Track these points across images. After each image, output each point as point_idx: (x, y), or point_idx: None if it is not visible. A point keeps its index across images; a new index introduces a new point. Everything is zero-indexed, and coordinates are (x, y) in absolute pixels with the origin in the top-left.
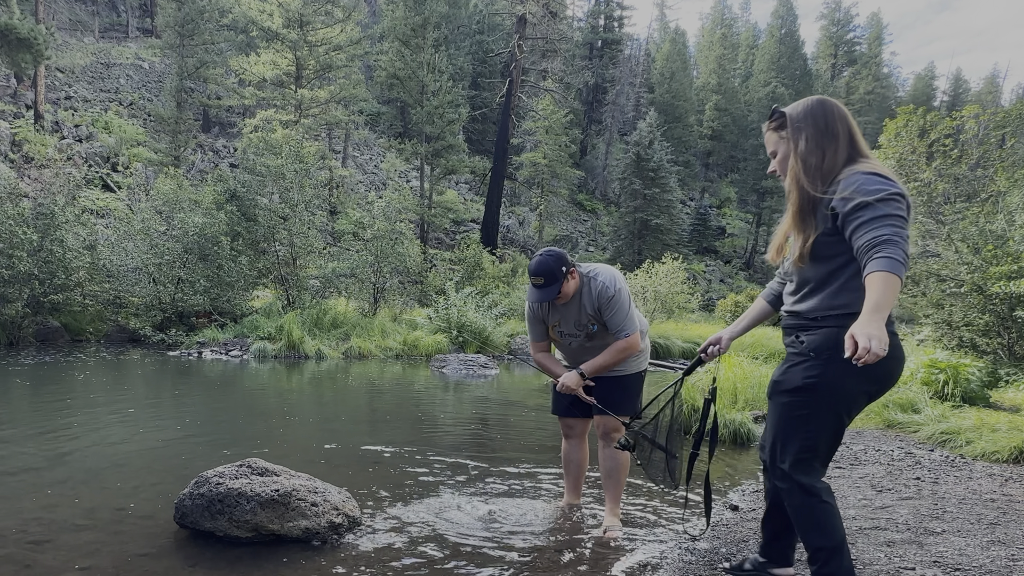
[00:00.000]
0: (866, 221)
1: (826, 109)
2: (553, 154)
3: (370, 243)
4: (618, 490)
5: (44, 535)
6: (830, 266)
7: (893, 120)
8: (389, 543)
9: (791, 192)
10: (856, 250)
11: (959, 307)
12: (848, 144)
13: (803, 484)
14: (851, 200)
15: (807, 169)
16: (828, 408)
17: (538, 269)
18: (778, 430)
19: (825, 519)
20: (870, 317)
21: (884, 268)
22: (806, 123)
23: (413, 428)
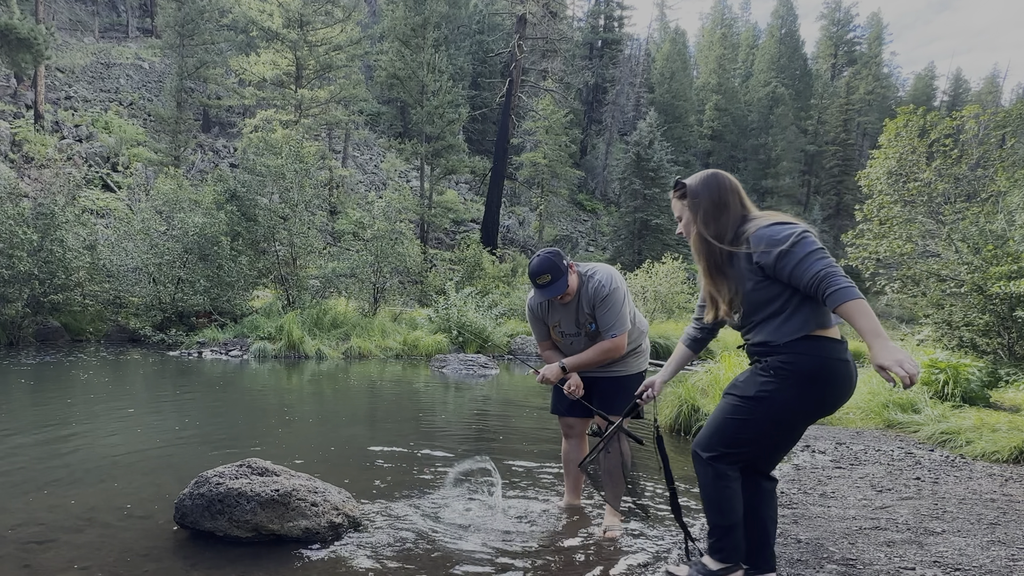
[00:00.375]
0: (795, 265)
1: (719, 182)
2: (553, 154)
3: (370, 243)
4: (619, 490)
5: (44, 535)
6: (773, 303)
7: (893, 120)
8: (389, 543)
9: (698, 255)
10: (803, 288)
11: (959, 307)
12: (739, 208)
13: (718, 470)
14: (770, 253)
15: (702, 239)
16: (769, 421)
17: (541, 267)
18: (716, 423)
19: (729, 501)
20: (883, 343)
21: (847, 298)
22: (702, 196)
23: (413, 428)
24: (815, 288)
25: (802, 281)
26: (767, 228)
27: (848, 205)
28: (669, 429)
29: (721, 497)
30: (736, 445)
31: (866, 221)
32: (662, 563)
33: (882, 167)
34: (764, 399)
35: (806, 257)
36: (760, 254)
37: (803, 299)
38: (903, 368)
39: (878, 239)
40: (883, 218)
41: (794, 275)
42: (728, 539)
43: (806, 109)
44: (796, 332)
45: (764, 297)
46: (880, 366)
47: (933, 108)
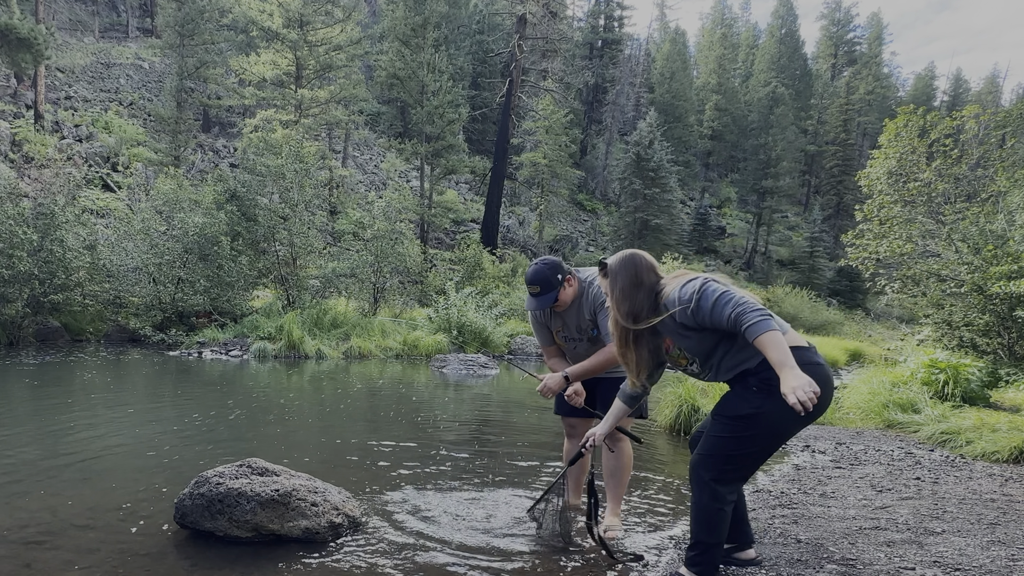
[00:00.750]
0: (709, 315)
1: (635, 262)
2: (553, 154)
3: (370, 243)
4: (620, 490)
5: (44, 535)
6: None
7: (893, 120)
8: (389, 543)
9: (613, 329)
10: (726, 330)
11: (959, 307)
12: (654, 282)
13: (715, 492)
14: (685, 311)
15: (620, 312)
16: (762, 436)
17: (534, 278)
18: (714, 444)
19: (719, 522)
20: (783, 374)
21: (757, 333)
22: (620, 278)
23: (413, 428)
24: (733, 329)
25: (722, 326)
26: (675, 292)
27: (848, 205)
28: (669, 429)
29: (715, 518)
30: (735, 462)
31: (866, 221)
32: (661, 563)
33: (882, 167)
34: (758, 415)
35: (714, 305)
36: (679, 314)
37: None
38: (794, 394)
39: (878, 239)
40: (883, 218)
41: (713, 322)
42: (710, 555)
43: (806, 109)
44: (756, 356)
45: (710, 343)
46: (784, 395)
47: (933, 108)
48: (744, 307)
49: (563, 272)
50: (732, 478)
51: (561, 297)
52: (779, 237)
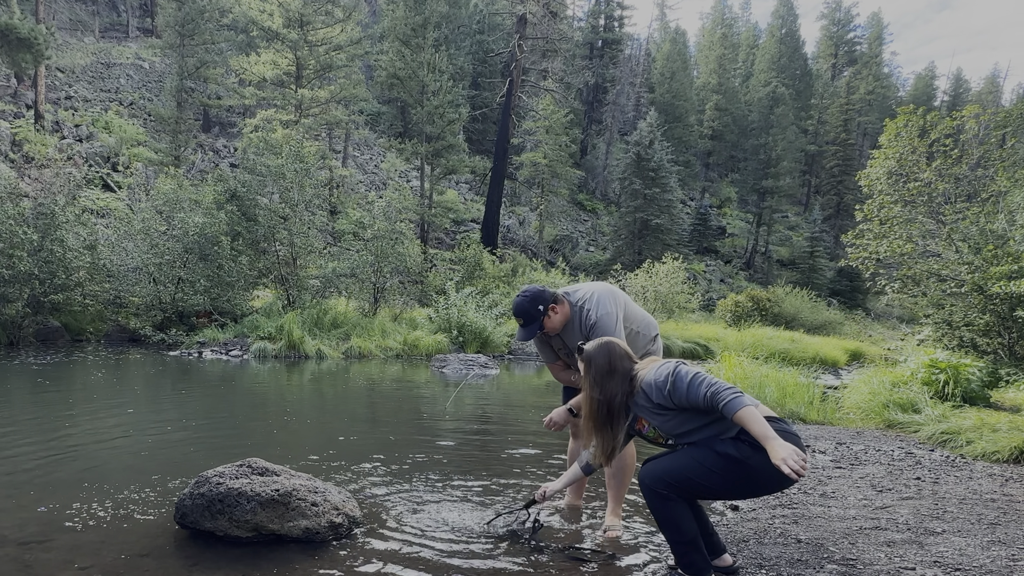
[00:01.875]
0: (685, 395)
1: (609, 350)
2: (553, 154)
3: (370, 243)
4: (622, 491)
5: (44, 535)
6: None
7: (893, 120)
8: (389, 543)
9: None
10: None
11: (959, 307)
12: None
13: (660, 493)
14: (662, 392)
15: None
16: (737, 480)
17: (516, 311)
18: (682, 465)
19: (681, 518)
20: (770, 446)
21: (734, 410)
22: (594, 364)
23: (413, 428)
24: (709, 407)
25: (698, 404)
26: (650, 374)
27: (848, 205)
28: None
29: (673, 516)
30: (692, 487)
31: (866, 221)
32: (661, 563)
33: (882, 167)
34: (743, 463)
35: (688, 386)
36: (655, 396)
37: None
38: (786, 464)
39: (878, 239)
40: (883, 218)
41: (690, 401)
42: (693, 553)
43: (806, 109)
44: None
45: (684, 420)
46: (775, 463)
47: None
48: (717, 386)
49: (545, 302)
50: (677, 494)
51: (547, 325)
52: (779, 237)
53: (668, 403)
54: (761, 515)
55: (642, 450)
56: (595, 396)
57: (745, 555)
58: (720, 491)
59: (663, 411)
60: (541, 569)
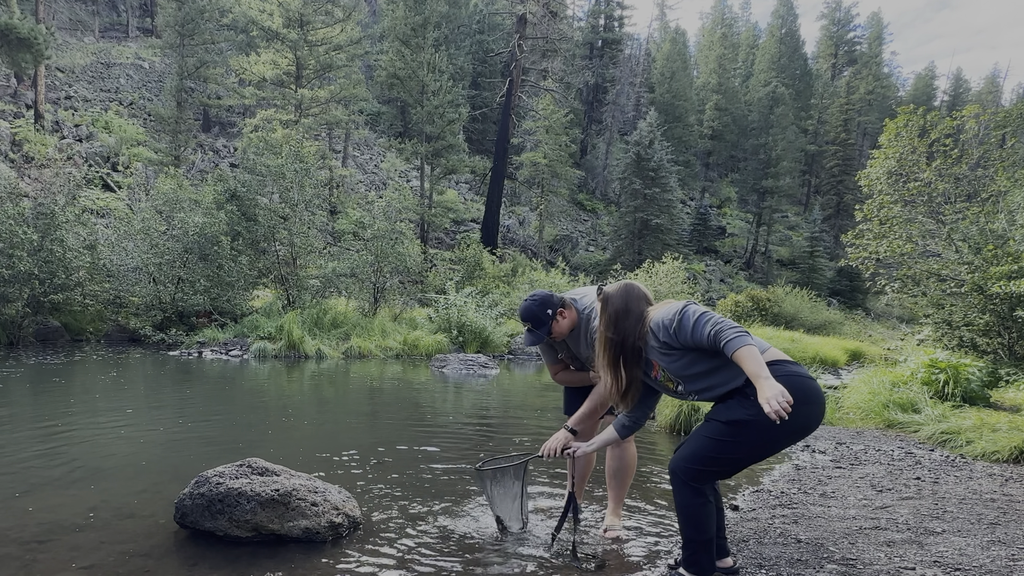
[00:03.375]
0: (690, 334)
1: (627, 292)
2: (553, 154)
3: (370, 243)
4: (622, 491)
5: (44, 535)
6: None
7: (893, 120)
8: (389, 543)
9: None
10: (707, 348)
11: (959, 307)
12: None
13: (697, 489)
14: (668, 331)
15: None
16: (752, 443)
17: (523, 316)
18: (700, 446)
19: (708, 518)
20: (759, 384)
21: (734, 348)
22: (611, 304)
23: (413, 428)
24: (713, 346)
25: (702, 344)
26: (656, 316)
27: (848, 205)
28: (669, 429)
29: (700, 514)
30: (717, 464)
31: (866, 221)
32: (661, 562)
33: (882, 167)
34: (752, 422)
35: (694, 325)
36: (663, 335)
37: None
38: (768, 404)
39: (878, 239)
40: (883, 218)
41: (695, 341)
42: (705, 553)
43: (806, 109)
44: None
45: (690, 363)
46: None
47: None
48: (722, 325)
49: (553, 306)
50: (709, 478)
51: (555, 330)
52: (779, 237)
53: (674, 342)
54: (761, 515)
55: (644, 450)
56: (609, 336)
57: (745, 555)
58: (745, 458)
59: (670, 351)
60: (541, 569)
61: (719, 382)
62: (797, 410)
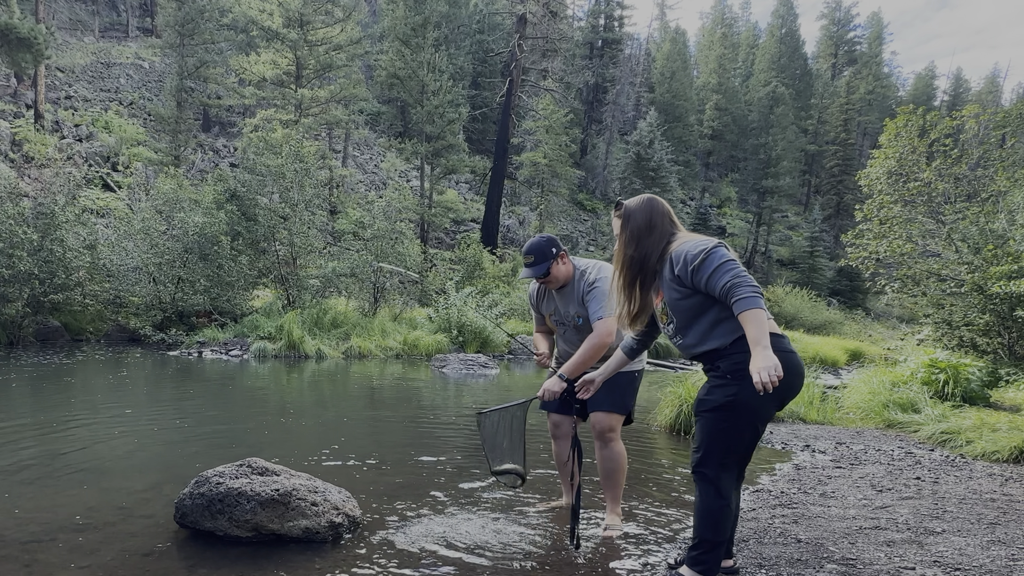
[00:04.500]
0: (708, 277)
1: (652, 207)
2: (553, 154)
3: (370, 243)
4: (617, 490)
5: (44, 535)
6: (704, 311)
7: (893, 120)
8: (389, 543)
9: (620, 269)
10: (717, 295)
11: (959, 307)
12: (668, 230)
13: (720, 489)
14: (686, 267)
15: (626, 256)
16: (745, 421)
17: (530, 249)
18: (704, 442)
19: (723, 519)
20: (755, 352)
21: (744, 308)
22: (633, 219)
23: (413, 428)
24: (724, 298)
25: (715, 291)
26: (683, 245)
27: (848, 205)
28: (669, 429)
29: (721, 516)
30: (732, 453)
31: (866, 221)
32: (661, 562)
33: (882, 167)
34: (735, 402)
35: (716, 270)
36: (679, 268)
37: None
38: (759, 375)
39: (878, 239)
40: (883, 218)
41: (708, 286)
42: (714, 555)
43: (806, 109)
44: (736, 331)
45: (691, 306)
46: (751, 372)
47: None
48: (741, 280)
49: (558, 247)
50: (732, 464)
51: (553, 271)
52: (779, 237)
53: (687, 279)
54: (761, 515)
55: (643, 450)
56: (629, 252)
57: (745, 555)
58: (751, 435)
59: (680, 287)
60: (542, 569)
61: (706, 335)
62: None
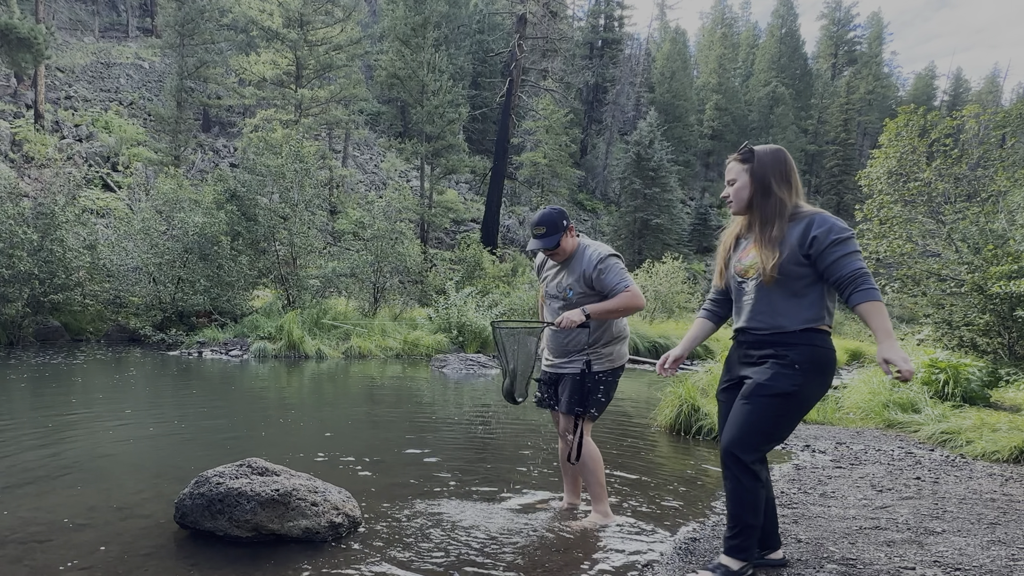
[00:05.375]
0: (844, 255)
1: (788, 159)
2: (553, 154)
3: (370, 243)
4: (595, 487)
5: (44, 535)
6: (797, 286)
7: (893, 120)
8: (389, 543)
9: (757, 222)
10: (836, 277)
11: (959, 307)
12: (798, 186)
13: (757, 472)
14: (827, 237)
15: (771, 205)
16: (798, 412)
17: (541, 220)
18: (751, 425)
19: (759, 502)
20: (892, 343)
21: (874, 298)
22: (774, 168)
23: (413, 428)
24: (848, 282)
25: (839, 272)
26: (830, 217)
27: (848, 205)
28: (669, 429)
29: (758, 499)
30: (772, 441)
31: (866, 221)
32: (662, 563)
33: (882, 167)
34: (796, 394)
35: (852, 253)
36: (820, 233)
37: (821, 292)
38: (904, 363)
39: (878, 239)
40: (883, 218)
41: (835, 265)
42: (753, 539)
43: (806, 109)
44: (809, 322)
45: (798, 275)
46: (886, 359)
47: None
48: (866, 273)
49: (568, 220)
50: (766, 451)
51: (562, 243)
52: None
53: (818, 249)
54: None
55: (644, 450)
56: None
57: None
58: (792, 426)
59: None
60: (543, 568)
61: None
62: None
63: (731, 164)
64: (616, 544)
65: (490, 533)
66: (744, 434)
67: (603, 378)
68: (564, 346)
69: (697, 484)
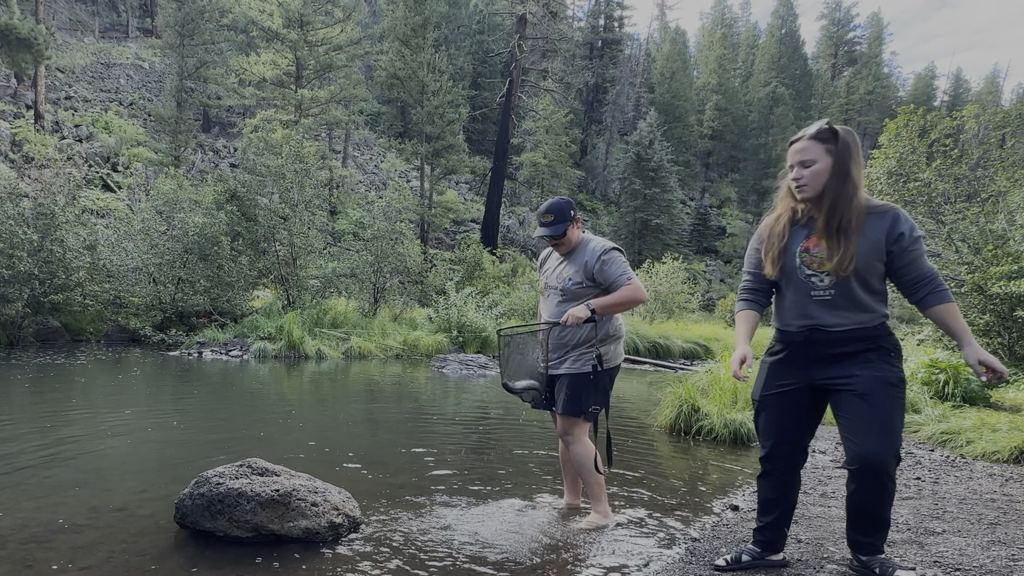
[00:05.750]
0: (918, 257)
1: (859, 142)
2: (553, 154)
3: (370, 243)
4: (593, 488)
5: (44, 535)
6: (874, 280)
7: (893, 120)
8: (389, 543)
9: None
10: (913, 276)
11: (959, 307)
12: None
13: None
14: (914, 232)
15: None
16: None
17: (549, 207)
18: (892, 424)
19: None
20: (972, 343)
21: (949, 299)
22: (855, 151)
23: (413, 428)
24: (926, 281)
25: (916, 272)
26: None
27: None
28: (669, 429)
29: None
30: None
31: None
32: (662, 562)
33: (882, 167)
34: (903, 379)
35: (924, 255)
36: (907, 230)
37: (886, 286)
38: (996, 363)
39: None
40: None
41: (914, 264)
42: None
43: (806, 109)
44: (884, 317)
45: (874, 270)
46: (980, 361)
47: (933, 108)
48: (936, 273)
49: (575, 210)
50: None
51: (569, 233)
52: None
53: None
54: None
55: (643, 450)
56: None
57: (741, 549)
58: None
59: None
60: (543, 568)
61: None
62: None
63: (806, 144)
64: (616, 544)
65: (490, 533)
66: (894, 437)
67: (598, 376)
68: (562, 340)
69: (697, 484)
